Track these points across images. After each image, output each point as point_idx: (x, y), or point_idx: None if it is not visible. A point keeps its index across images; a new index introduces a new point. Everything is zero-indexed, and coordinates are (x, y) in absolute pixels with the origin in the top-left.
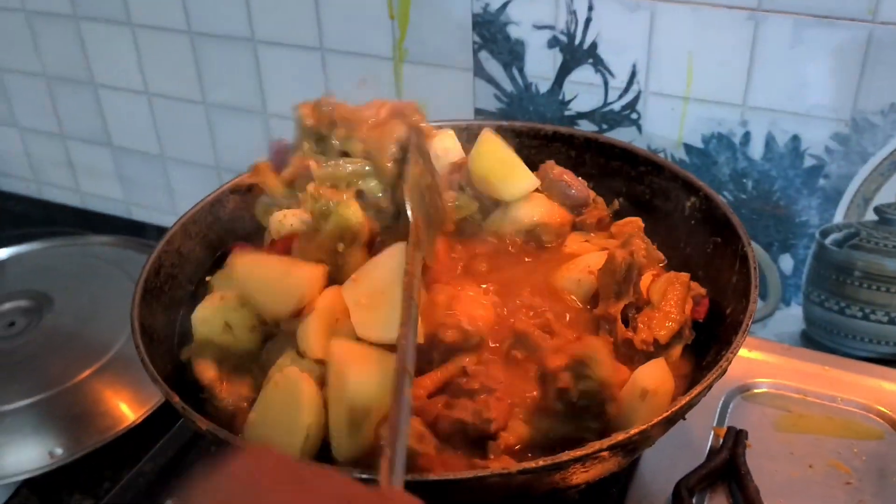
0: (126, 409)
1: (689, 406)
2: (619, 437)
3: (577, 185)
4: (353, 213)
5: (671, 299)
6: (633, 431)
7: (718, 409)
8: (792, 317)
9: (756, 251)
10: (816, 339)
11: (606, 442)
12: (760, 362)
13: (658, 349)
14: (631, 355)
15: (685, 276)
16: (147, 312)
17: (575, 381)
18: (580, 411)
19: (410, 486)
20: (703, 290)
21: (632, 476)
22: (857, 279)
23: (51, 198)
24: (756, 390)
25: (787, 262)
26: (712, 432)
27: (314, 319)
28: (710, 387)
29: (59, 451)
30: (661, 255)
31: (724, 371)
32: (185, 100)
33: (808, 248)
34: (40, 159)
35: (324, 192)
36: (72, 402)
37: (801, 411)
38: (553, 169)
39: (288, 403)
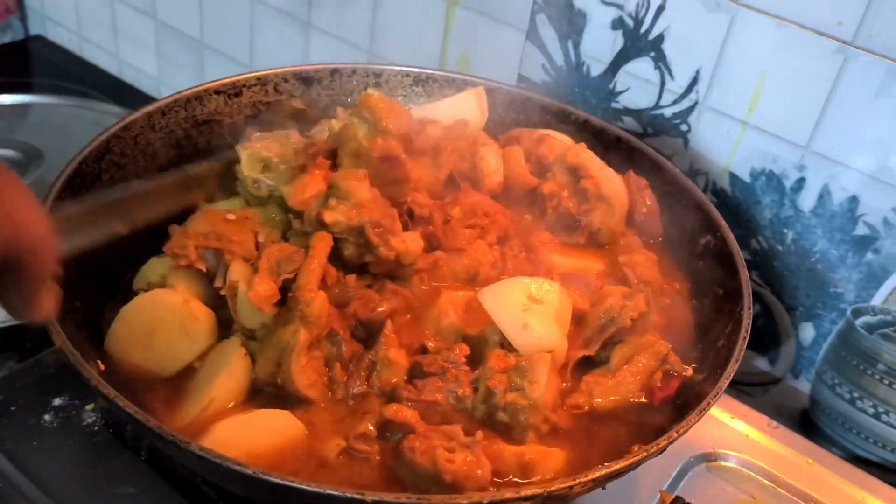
0: None
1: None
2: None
3: (653, 214)
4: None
5: (633, 369)
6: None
7: (675, 473)
8: (797, 392)
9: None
10: (817, 423)
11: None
12: (739, 433)
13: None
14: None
15: (664, 346)
16: (69, 197)
17: (507, 386)
18: (496, 426)
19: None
20: (681, 369)
21: None
22: (879, 372)
23: (89, 57)
24: (724, 462)
25: (807, 332)
26: (658, 495)
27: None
28: (617, 473)
29: None
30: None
31: (662, 450)
32: None
33: (835, 324)
34: (87, 15)
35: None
36: None
37: (765, 501)
38: (637, 183)
39: (220, 364)
